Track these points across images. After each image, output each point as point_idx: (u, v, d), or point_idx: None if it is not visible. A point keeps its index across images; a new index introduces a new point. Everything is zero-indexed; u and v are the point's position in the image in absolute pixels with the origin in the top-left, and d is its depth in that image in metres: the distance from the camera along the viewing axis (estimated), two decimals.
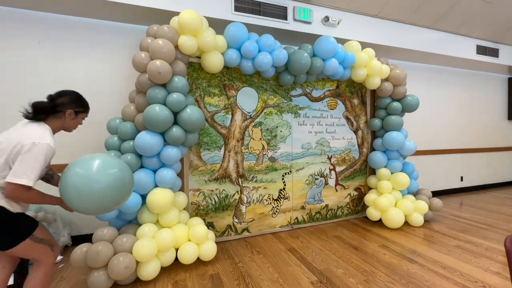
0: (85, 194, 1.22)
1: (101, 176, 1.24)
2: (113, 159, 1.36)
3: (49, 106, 1.32)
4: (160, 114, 1.97)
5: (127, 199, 1.41)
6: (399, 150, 3.12)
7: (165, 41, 2.04)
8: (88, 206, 1.25)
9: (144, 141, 2.00)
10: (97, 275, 1.79)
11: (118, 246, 1.88)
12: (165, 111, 2.01)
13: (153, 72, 1.98)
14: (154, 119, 1.96)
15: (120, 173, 1.31)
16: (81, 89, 2.52)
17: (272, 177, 2.89)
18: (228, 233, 2.71)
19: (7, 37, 2.35)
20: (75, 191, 1.21)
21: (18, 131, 1.25)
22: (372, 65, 2.91)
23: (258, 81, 2.80)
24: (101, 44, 2.61)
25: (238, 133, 2.73)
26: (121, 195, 1.33)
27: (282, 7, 2.85)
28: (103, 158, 1.31)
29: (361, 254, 2.37)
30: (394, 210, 2.92)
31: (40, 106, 1.28)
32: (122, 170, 1.33)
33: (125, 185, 1.33)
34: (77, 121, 1.44)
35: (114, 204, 1.32)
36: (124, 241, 1.91)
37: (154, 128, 2.01)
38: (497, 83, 5.08)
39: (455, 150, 4.61)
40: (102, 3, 2.30)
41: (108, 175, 1.26)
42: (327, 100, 3.16)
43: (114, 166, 1.31)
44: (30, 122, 1.29)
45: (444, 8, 3.42)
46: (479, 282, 1.91)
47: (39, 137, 1.21)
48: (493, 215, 3.43)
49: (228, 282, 1.94)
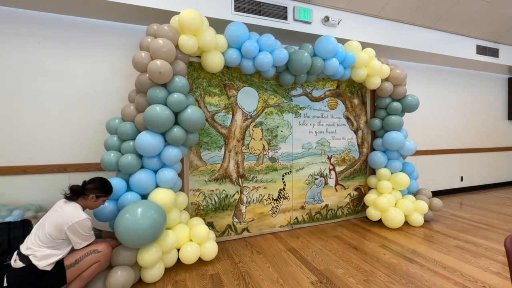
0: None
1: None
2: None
3: (80, 189, 1.68)
4: (161, 115, 1.97)
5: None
6: (399, 150, 3.12)
7: (165, 41, 2.03)
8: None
9: (145, 142, 1.99)
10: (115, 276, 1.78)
11: (119, 258, 1.84)
12: (166, 111, 2.01)
13: (153, 71, 1.97)
14: (155, 119, 1.96)
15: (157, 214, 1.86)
16: (80, 89, 2.55)
17: (272, 177, 2.89)
18: (228, 233, 2.71)
19: (7, 37, 2.35)
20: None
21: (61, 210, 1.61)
22: (372, 65, 2.91)
23: (259, 81, 2.80)
24: (100, 44, 2.60)
25: (239, 133, 2.73)
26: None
27: (282, 7, 2.85)
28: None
29: (361, 254, 2.37)
30: (394, 210, 2.92)
31: (73, 189, 1.67)
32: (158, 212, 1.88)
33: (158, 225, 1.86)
34: (97, 203, 1.75)
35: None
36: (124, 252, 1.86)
37: (155, 129, 2.01)
38: (497, 83, 5.08)
39: (455, 150, 4.61)
40: (102, 3, 2.30)
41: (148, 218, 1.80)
42: (327, 100, 3.16)
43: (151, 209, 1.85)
44: (64, 202, 1.66)
45: (444, 8, 3.42)
46: (479, 282, 1.91)
47: (76, 216, 1.57)
48: (493, 215, 3.43)
49: (228, 282, 1.94)
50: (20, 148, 2.38)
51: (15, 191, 2.34)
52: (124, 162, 2.02)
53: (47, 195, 2.44)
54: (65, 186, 2.47)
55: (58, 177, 2.49)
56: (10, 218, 2.10)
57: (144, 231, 1.75)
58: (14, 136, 2.37)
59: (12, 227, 2.00)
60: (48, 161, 2.46)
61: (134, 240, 1.76)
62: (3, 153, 2.34)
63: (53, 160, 2.47)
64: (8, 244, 1.96)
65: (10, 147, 2.36)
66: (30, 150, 2.41)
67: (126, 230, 1.73)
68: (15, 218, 2.10)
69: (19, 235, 2.00)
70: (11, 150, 2.36)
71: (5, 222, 2.00)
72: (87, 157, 2.57)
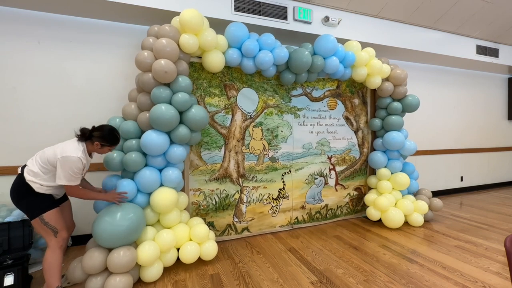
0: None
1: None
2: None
3: (88, 133, 1.73)
4: (167, 114, 1.98)
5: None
6: (399, 150, 3.12)
7: (168, 40, 2.04)
8: None
9: (151, 141, 1.99)
10: (94, 281, 1.76)
11: (114, 260, 1.76)
12: (171, 110, 2.02)
13: (159, 71, 1.98)
14: (161, 118, 1.97)
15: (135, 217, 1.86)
16: (80, 88, 2.55)
17: (272, 176, 2.89)
18: (228, 232, 2.71)
19: (7, 37, 2.35)
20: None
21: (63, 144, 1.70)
22: (372, 64, 2.91)
23: (259, 81, 2.80)
24: (101, 44, 2.61)
25: (239, 133, 2.73)
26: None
27: (282, 7, 2.85)
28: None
29: (361, 254, 2.37)
30: (394, 210, 2.92)
31: (82, 131, 1.73)
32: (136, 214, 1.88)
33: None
34: (102, 150, 1.79)
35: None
36: (121, 254, 1.77)
37: (161, 128, 2.02)
38: (497, 83, 5.08)
39: (455, 150, 4.61)
40: (102, 3, 2.30)
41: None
42: (326, 100, 3.16)
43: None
44: (74, 139, 1.73)
45: (444, 8, 3.42)
46: (479, 282, 1.91)
47: (70, 151, 1.62)
48: (493, 215, 3.43)
49: (228, 282, 1.94)
50: (20, 148, 2.38)
51: None
52: (128, 160, 2.01)
53: None
54: None
55: None
56: (10, 218, 2.10)
57: (121, 233, 1.76)
58: (14, 136, 2.37)
59: (12, 227, 2.00)
60: None
61: (110, 241, 1.75)
62: (3, 153, 2.34)
63: None
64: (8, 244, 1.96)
65: (10, 147, 2.36)
66: (30, 150, 2.40)
67: (104, 232, 1.73)
68: (15, 218, 2.10)
69: (19, 235, 2.00)
70: (11, 150, 2.36)
71: (5, 222, 2.00)
72: None
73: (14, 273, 1.71)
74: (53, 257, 1.63)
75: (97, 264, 1.73)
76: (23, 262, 1.79)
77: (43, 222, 1.58)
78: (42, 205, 1.61)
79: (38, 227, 1.62)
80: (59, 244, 1.65)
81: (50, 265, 1.62)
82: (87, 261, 1.73)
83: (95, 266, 1.73)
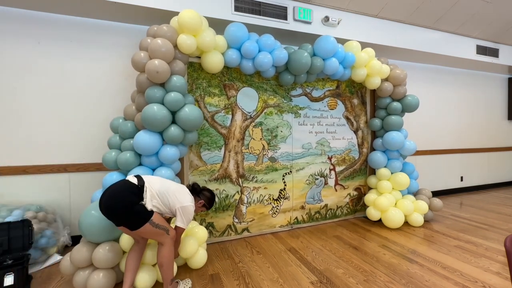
0: None
1: None
2: None
3: (198, 191, 1.96)
4: (158, 114, 1.98)
5: None
6: (399, 150, 3.12)
7: (164, 41, 2.04)
8: None
9: (143, 140, 2.00)
10: (82, 274, 1.79)
11: (99, 256, 1.80)
12: (163, 110, 2.01)
13: (151, 71, 1.98)
14: (152, 118, 1.97)
15: None
16: (80, 89, 2.55)
17: (273, 177, 2.89)
18: (228, 233, 2.71)
19: (7, 37, 2.35)
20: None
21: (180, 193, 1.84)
22: (372, 64, 2.91)
23: (258, 81, 2.80)
24: (101, 44, 2.61)
25: (239, 133, 2.73)
26: None
27: (282, 7, 2.85)
28: None
29: (361, 254, 2.37)
30: (394, 210, 2.92)
31: (193, 187, 1.96)
32: None
33: None
34: (201, 208, 1.97)
35: None
36: (107, 250, 1.82)
37: (152, 127, 2.02)
38: (497, 83, 5.08)
39: (455, 150, 4.61)
40: (102, 3, 2.30)
41: None
42: (327, 100, 3.16)
43: None
44: (186, 189, 1.89)
45: (444, 8, 3.42)
46: (479, 282, 1.91)
47: (187, 201, 1.79)
48: (493, 215, 3.43)
49: (228, 282, 1.94)
50: (20, 148, 2.38)
51: (15, 191, 2.35)
52: (122, 159, 2.06)
53: (47, 195, 2.45)
54: (65, 186, 2.50)
55: (58, 177, 2.50)
56: (10, 218, 2.10)
57: (105, 227, 1.82)
58: (14, 136, 2.37)
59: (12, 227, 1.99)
60: (48, 161, 2.46)
61: (93, 235, 1.82)
62: (3, 153, 2.34)
63: (53, 160, 2.48)
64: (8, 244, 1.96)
65: (10, 147, 2.36)
66: (30, 150, 2.41)
67: (91, 226, 1.80)
68: (15, 218, 2.10)
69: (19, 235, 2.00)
70: (11, 150, 2.36)
71: (5, 222, 2.00)
72: (87, 157, 2.57)
73: (14, 273, 1.71)
74: (170, 253, 1.73)
75: (83, 258, 1.79)
76: (23, 262, 1.79)
77: (154, 225, 1.65)
78: (147, 211, 1.66)
79: (150, 231, 1.65)
80: (172, 240, 1.74)
81: (168, 260, 1.73)
82: (75, 254, 1.79)
83: (81, 260, 1.78)
